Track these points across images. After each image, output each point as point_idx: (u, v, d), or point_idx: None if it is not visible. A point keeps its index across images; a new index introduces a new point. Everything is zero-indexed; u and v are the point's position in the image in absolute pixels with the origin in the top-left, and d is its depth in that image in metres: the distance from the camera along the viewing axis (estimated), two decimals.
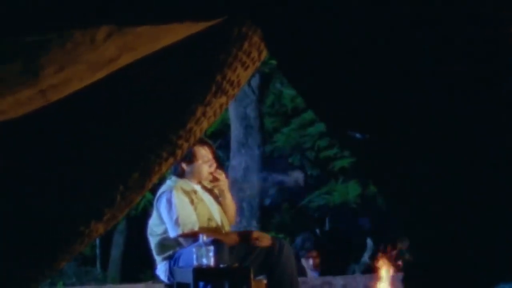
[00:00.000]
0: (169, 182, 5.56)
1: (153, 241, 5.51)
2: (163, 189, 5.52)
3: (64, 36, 3.43)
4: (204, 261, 5.04)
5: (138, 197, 4.36)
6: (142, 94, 4.02)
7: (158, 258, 5.52)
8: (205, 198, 5.55)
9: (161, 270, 5.51)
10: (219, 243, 5.25)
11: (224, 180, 5.64)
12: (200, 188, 5.58)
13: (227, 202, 5.65)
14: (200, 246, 5.07)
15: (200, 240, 5.09)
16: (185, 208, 5.39)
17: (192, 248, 5.12)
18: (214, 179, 5.60)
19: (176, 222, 5.34)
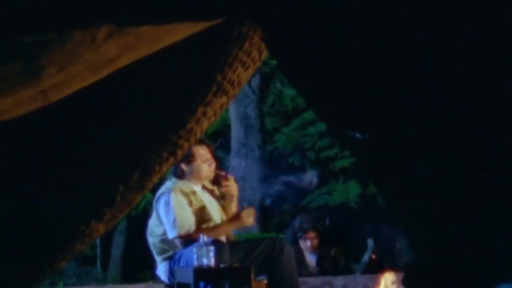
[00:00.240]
0: (168, 183, 5.56)
1: (153, 241, 5.51)
2: (161, 190, 5.52)
3: (65, 36, 3.43)
4: (205, 261, 5.04)
5: (139, 197, 4.36)
6: (142, 94, 4.02)
7: (158, 258, 5.52)
8: (205, 199, 5.54)
9: (162, 270, 5.51)
10: (219, 243, 5.25)
11: (234, 185, 5.64)
12: (200, 189, 5.58)
13: (233, 205, 5.65)
14: (200, 246, 5.07)
15: (200, 241, 5.09)
16: (183, 210, 5.39)
17: (193, 248, 5.12)
18: (216, 176, 5.60)
19: (174, 224, 5.34)
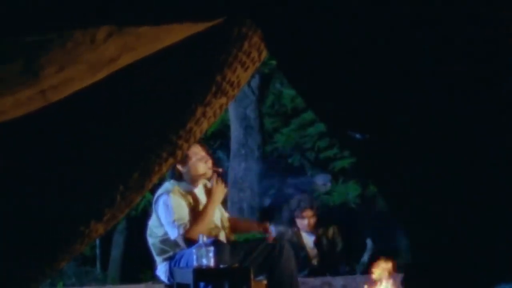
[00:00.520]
0: (167, 184, 5.55)
1: (153, 242, 5.51)
2: (160, 191, 5.51)
3: (64, 36, 3.43)
4: (204, 262, 5.04)
5: (138, 197, 4.36)
6: (142, 94, 4.02)
7: (158, 258, 5.52)
8: (204, 200, 5.54)
9: (161, 270, 5.51)
10: (219, 243, 5.25)
11: (221, 189, 5.57)
12: (198, 190, 5.58)
13: (211, 205, 5.56)
14: (200, 247, 5.07)
15: (200, 241, 5.09)
16: (182, 210, 5.39)
17: (192, 249, 5.12)
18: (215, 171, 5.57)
19: (174, 224, 5.34)
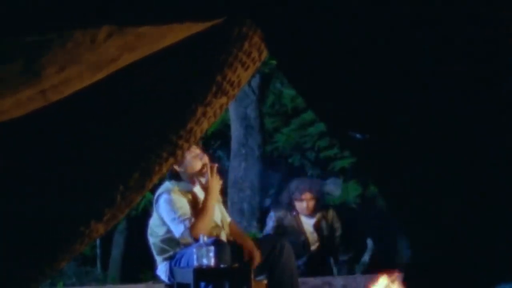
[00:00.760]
0: (167, 183, 5.56)
1: (154, 241, 5.51)
2: (160, 190, 5.52)
3: (65, 36, 3.43)
4: (205, 262, 5.04)
5: (139, 197, 4.36)
6: (142, 94, 4.02)
7: (158, 258, 5.53)
8: (203, 198, 5.54)
9: (162, 270, 5.51)
10: (220, 243, 5.25)
11: (216, 181, 5.55)
12: (198, 189, 5.58)
13: (210, 200, 5.54)
14: (200, 247, 5.07)
15: (201, 241, 5.09)
16: (184, 206, 5.40)
17: (193, 248, 5.12)
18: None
19: (179, 220, 5.34)
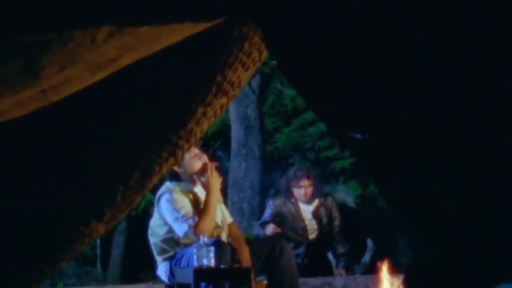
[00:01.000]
0: (168, 183, 5.56)
1: (155, 241, 5.51)
2: (162, 190, 5.52)
3: (65, 36, 3.43)
4: (205, 262, 5.04)
5: (139, 197, 4.36)
6: (142, 94, 4.02)
7: (159, 258, 5.53)
8: (204, 198, 5.54)
9: (162, 270, 5.51)
10: (220, 243, 5.26)
11: (216, 178, 5.55)
12: (198, 189, 5.58)
13: (212, 198, 5.55)
14: (200, 247, 5.07)
15: (201, 241, 5.09)
16: (186, 206, 5.41)
17: (193, 248, 5.12)
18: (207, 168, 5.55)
19: (182, 219, 5.35)
